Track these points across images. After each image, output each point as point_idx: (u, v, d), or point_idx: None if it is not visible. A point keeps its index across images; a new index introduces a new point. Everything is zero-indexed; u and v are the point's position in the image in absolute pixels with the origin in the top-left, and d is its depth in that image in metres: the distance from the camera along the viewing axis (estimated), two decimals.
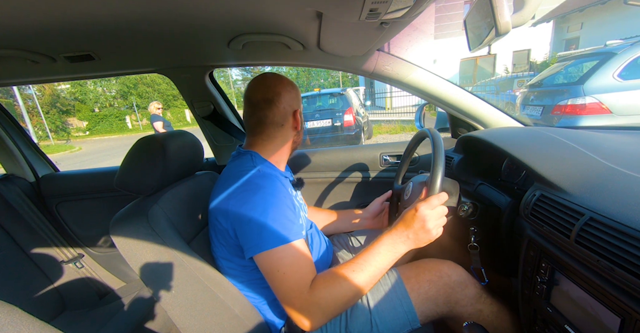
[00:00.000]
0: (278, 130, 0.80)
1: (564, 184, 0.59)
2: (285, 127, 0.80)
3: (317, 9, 0.59)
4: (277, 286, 0.64)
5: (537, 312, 0.63)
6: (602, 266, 0.45)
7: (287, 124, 0.80)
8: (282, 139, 0.81)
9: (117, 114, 23.13)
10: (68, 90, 22.23)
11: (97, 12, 0.55)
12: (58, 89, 21.38)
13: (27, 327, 0.31)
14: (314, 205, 1.39)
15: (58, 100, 21.26)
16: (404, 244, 0.65)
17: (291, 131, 0.82)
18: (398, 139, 7.42)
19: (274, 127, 0.79)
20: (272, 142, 0.80)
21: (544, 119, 3.58)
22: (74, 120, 22.60)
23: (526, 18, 0.57)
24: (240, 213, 0.66)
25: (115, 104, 23.82)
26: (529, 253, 0.64)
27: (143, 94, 22.79)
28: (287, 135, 0.82)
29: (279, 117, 0.78)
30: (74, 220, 1.42)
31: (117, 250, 0.69)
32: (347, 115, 5.37)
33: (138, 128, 22.94)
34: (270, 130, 0.79)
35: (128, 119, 23.56)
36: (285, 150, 0.84)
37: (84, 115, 22.51)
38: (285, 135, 0.81)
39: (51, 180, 1.41)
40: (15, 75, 1.01)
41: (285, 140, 0.82)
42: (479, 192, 0.90)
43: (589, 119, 3.06)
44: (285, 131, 0.81)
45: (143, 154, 0.77)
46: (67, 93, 22.32)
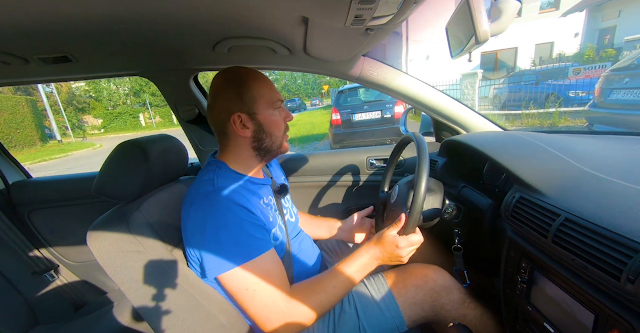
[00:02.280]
0: (226, 138, 0.73)
1: (541, 186, 0.62)
2: (230, 135, 0.72)
3: (303, 14, 0.59)
4: (248, 305, 0.61)
5: (519, 311, 0.65)
6: (577, 265, 0.47)
7: (230, 132, 0.71)
8: (235, 148, 0.74)
9: (130, 112, 23.23)
10: (82, 88, 22.58)
11: (73, 12, 0.53)
12: (74, 87, 21.70)
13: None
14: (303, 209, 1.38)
15: (74, 98, 21.51)
16: (377, 263, 0.71)
17: (239, 139, 0.72)
18: None
19: (221, 136, 0.73)
20: (230, 150, 0.74)
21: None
22: (89, 118, 23.04)
23: (503, 27, 0.60)
24: (196, 236, 0.63)
25: (128, 102, 24.07)
26: (509, 254, 0.66)
27: (156, 92, 22.83)
28: (238, 143, 0.73)
29: (218, 125, 0.72)
30: (48, 228, 1.35)
31: (95, 259, 0.66)
32: (397, 106, 5.00)
33: (151, 125, 23.09)
34: (221, 139, 0.74)
35: (141, 117, 23.56)
36: (247, 159, 0.75)
37: (99, 113, 22.93)
38: (236, 143, 0.73)
39: (23, 187, 1.33)
40: None
41: (239, 149, 0.74)
42: (462, 194, 0.92)
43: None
44: (234, 139, 0.72)
45: (124, 158, 0.75)
46: (81, 91, 22.63)
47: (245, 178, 0.75)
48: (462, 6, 0.60)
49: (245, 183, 0.73)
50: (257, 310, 0.60)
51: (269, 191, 0.81)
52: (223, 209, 0.63)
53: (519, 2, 0.57)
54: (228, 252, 0.60)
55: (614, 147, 0.78)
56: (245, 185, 0.73)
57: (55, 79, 1.04)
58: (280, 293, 0.61)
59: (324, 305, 0.64)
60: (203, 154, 1.35)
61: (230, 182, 0.70)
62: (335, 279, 0.67)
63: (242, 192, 0.68)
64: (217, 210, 0.62)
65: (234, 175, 0.73)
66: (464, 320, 0.75)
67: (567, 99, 6.71)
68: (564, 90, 6.96)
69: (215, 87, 0.72)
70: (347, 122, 5.22)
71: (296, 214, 0.94)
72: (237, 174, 0.74)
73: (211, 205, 0.63)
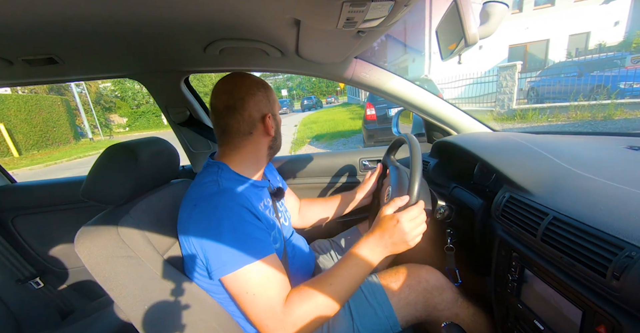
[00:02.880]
0: (246, 139, 0.73)
1: (530, 186, 0.63)
2: (254, 135, 0.74)
3: (295, 16, 0.59)
4: (247, 308, 0.60)
5: (510, 309, 0.66)
6: (565, 262, 0.48)
7: (256, 132, 0.73)
8: (253, 148, 0.75)
9: (153, 110, 23.78)
10: (109, 88, 23.42)
11: (58, 12, 0.51)
12: (101, 87, 23.22)
13: None
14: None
15: (102, 97, 22.48)
16: (381, 253, 0.65)
17: (263, 138, 0.75)
18: None
19: (241, 137, 0.73)
20: (240, 152, 0.74)
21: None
22: (115, 117, 24.24)
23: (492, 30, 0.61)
24: (199, 238, 0.62)
25: (151, 101, 24.96)
26: (500, 253, 0.68)
27: None
28: (259, 143, 0.75)
29: (244, 126, 0.72)
30: (33, 234, 1.31)
31: (82, 265, 0.64)
32: None
33: None
34: (237, 140, 0.73)
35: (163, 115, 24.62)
36: (258, 159, 0.78)
37: (124, 112, 24.08)
38: (256, 143, 0.75)
39: (6, 192, 1.29)
40: None
41: (256, 149, 0.76)
42: (454, 194, 0.93)
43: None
44: (256, 139, 0.74)
45: (113, 162, 0.73)
46: (108, 90, 23.45)
47: (247, 180, 0.74)
48: (451, 9, 0.61)
49: (248, 185, 0.73)
50: (256, 314, 0.59)
51: (267, 194, 0.81)
52: (228, 210, 0.62)
53: (506, 6, 0.58)
54: (231, 253, 0.59)
55: (599, 147, 0.81)
56: (248, 187, 0.72)
57: (41, 81, 1.01)
58: (278, 298, 0.60)
59: (322, 309, 0.61)
60: (194, 156, 1.33)
61: (234, 183, 0.70)
62: (333, 279, 0.63)
63: (246, 194, 0.67)
64: (222, 211, 0.62)
65: (236, 177, 0.73)
66: (456, 319, 0.76)
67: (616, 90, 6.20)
68: (614, 81, 6.41)
69: (239, 88, 0.71)
70: (382, 117, 4.93)
71: (289, 218, 0.94)
72: (240, 176, 0.73)
73: (216, 206, 0.62)
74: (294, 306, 0.60)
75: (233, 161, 0.74)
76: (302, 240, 0.95)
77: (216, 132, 0.75)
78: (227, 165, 0.73)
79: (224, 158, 0.75)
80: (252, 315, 0.60)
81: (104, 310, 1.13)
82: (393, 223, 0.63)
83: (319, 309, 0.60)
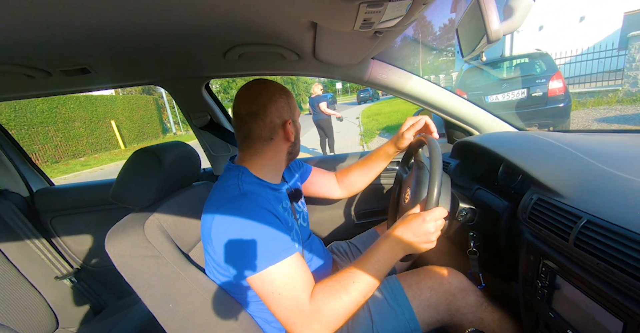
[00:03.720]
0: (267, 144, 0.75)
1: (560, 188, 0.60)
2: (275, 140, 0.76)
3: (312, 19, 0.60)
4: (274, 308, 0.61)
5: (539, 317, 0.62)
6: (601, 269, 0.45)
7: (276, 137, 0.75)
8: (273, 153, 0.77)
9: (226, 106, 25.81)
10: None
11: (92, 26, 0.55)
12: None
13: None
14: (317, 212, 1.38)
15: None
16: (402, 250, 0.64)
17: (283, 143, 0.78)
18: None
19: (262, 142, 0.75)
20: (261, 157, 0.76)
21: None
22: None
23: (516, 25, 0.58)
24: (223, 240, 0.63)
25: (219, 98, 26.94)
26: (528, 258, 0.64)
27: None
28: (279, 149, 0.78)
29: (266, 132, 0.74)
30: (69, 234, 1.40)
31: (113, 264, 0.67)
32: (554, 82, 3.84)
33: None
34: (259, 145, 0.75)
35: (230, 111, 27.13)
36: (278, 164, 0.80)
37: None
38: (277, 148, 0.77)
39: (46, 195, 1.39)
40: (9, 90, 1.01)
41: (276, 154, 0.78)
42: (477, 196, 0.90)
43: None
44: (276, 144, 0.76)
45: (139, 166, 0.77)
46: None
47: (266, 183, 0.76)
48: (473, 6, 0.59)
49: (267, 188, 0.75)
50: (283, 313, 0.61)
51: (285, 196, 0.82)
52: (250, 213, 0.63)
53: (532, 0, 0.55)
54: (255, 255, 0.61)
55: (636, 145, 0.75)
56: (267, 190, 0.74)
57: (75, 90, 1.08)
58: (303, 296, 0.61)
59: (347, 305, 0.61)
60: (215, 159, 1.37)
61: (254, 187, 0.71)
62: (355, 275, 0.63)
63: (266, 197, 0.69)
64: (245, 213, 0.63)
65: (256, 180, 0.74)
66: (481, 324, 0.73)
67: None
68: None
69: (261, 95, 0.74)
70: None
71: (307, 219, 0.95)
72: (259, 180, 0.75)
73: (239, 209, 0.64)
74: (319, 303, 0.61)
75: (253, 165, 0.76)
76: (319, 242, 0.95)
77: (238, 137, 0.77)
78: (248, 169, 0.75)
79: (245, 162, 0.76)
80: (279, 313, 0.61)
81: (133, 306, 1.18)
82: (419, 222, 0.61)
83: (343, 306, 0.61)
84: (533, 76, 4.11)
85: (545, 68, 4.22)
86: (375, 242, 0.67)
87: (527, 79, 4.08)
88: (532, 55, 4.53)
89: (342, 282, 0.63)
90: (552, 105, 3.98)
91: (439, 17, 62.09)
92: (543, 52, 4.40)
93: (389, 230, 0.67)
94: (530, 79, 4.07)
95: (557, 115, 4.03)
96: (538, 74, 4.14)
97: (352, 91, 42.14)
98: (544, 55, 4.37)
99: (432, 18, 59.13)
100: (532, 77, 4.09)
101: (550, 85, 3.92)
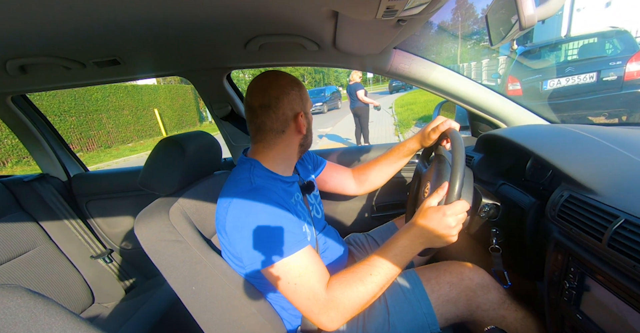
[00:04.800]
0: (279, 136, 0.75)
1: (595, 185, 0.56)
2: (287, 133, 0.75)
3: (333, 8, 0.58)
4: (291, 297, 0.63)
5: (565, 318, 0.60)
6: (638, 272, 0.42)
7: (288, 130, 0.75)
8: (285, 145, 0.77)
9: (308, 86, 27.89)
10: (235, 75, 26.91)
11: (122, 18, 0.57)
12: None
13: (59, 318, 0.34)
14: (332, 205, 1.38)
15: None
16: (421, 244, 0.63)
17: (295, 136, 0.77)
18: None
19: (274, 134, 0.75)
20: (273, 149, 0.76)
21: None
22: None
23: (552, 11, 0.54)
24: (236, 233, 0.65)
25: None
26: (556, 257, 0.61)
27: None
28: (291, 141, 0.77)
29: (278, 124, 0.74)
30: (103, 217, 1.50)
31: (141, 246, 0.72)
32: (632, 64, 3.28)
33: None
34: (271, 138, 0.75)
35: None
36: (290, 156, 0.80)
37: None
38: (289, 141, 0.77)
39: (81, 179, 1.49)
40: (48, 81, 1.08)
41: (288, 146, 0.78)
42: (501, 192, 0.87)
43: None
44: (288, 137, 0.76)
45: (164, 154, 0.80)
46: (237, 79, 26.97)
47: (278, 176, 0.77)
48: None
49: (278, 181, 0.75)
50: (301, 302, 0.62)
51: (296, 188, 0.82)
52: (262, 207, 0.64)
53: None
54: (267, 248, 0.62)
55: None
56: (278, 183, 0.74)
57: (105, 81, 1.14)
58: (319, 285, 0.62)
59: (363, 295, 0.62)
60: (235, 149, 1.41)
61: (266, 180, 0.72)
62: (372, 267, 0.63)
63: (277, 191, 0.70)
64: (257, 207, 0.64)
65: (268, 173, 0.75)
66: (502, 322, 0.71)
67: None
68: None
69: (273, 87, 0.73)
70: (531, 93, 3.77)
71: (322, 210, 0.95)
72: (271, 173, 0.76)
73: (251, 203, 0.65)
74: (336, 293, 0.62)
75: (265, 158, 0.76)
76: (334, 233, 0.95)
77: (250, 130, 0.78)
78: (260, 162, 0.76)
79: (257, 155, 0.77)
80: (296, 302, 0.63)
81: (160, 287, 1.26)
82: (439, 216, 0.59)
83: (359, 296, 0.62)
84: (605, 58, 3.62)
85: (622, 48, 3.71)
86: (394, 235, 0.66)
87: (599, 61, 3.58)
88: (604, 34, 3.99)
89: (359, 274, 0.63)
90: (629, 90, 3.46)
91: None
92: (621, 29, 3.85)
93: (408, 223, 0.66)
94: (602, 61, 3.58)
95: (634, 101, 3.52)
96: (611, 55, 3.66)
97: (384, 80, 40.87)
98: (622, 32, 3.80)
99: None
100: (604, 60, 3.60)
101: (628, 68, 3.38)
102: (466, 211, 0.60)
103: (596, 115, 3.79)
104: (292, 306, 0.79)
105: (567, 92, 3.72)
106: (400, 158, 0.98)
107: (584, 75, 3.64)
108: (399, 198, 1.36)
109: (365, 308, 0.73)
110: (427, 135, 0.85)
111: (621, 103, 3.55)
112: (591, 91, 3.64)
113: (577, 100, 3.67)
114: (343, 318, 0.62)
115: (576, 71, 3.69)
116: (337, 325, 0.62)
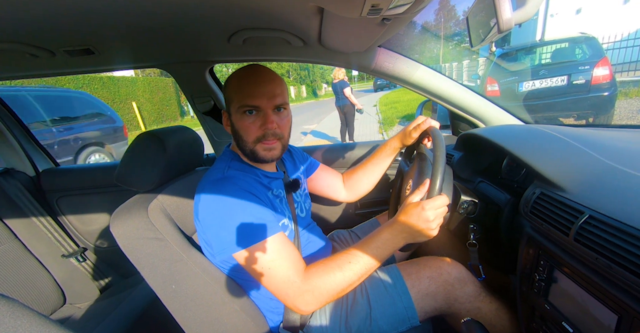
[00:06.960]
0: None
1: (564, 182, 0.59)
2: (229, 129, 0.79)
3: (318, 4, 0.58)
4: (266, 282, 0.64)
5: (535, 308, 0.63)
6: (600, 264, 0.45)
7: (226, 127, 0.80)
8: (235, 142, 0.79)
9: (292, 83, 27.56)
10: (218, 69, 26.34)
11: (97, 5, 0.54)
12: None
13: (26, 320, 0.32)
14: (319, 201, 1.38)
15: None
16: (403, 239, 0.65)
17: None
18: None
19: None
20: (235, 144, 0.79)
21: None
22: None
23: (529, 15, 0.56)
24: (207, 221, 0.66)
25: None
26: (527, 251, 0.65)
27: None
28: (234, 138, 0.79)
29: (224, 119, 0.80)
30: (75, 214, 1.43)
31: (118, 244, 0.69)
32: (599, 69, 3.54)
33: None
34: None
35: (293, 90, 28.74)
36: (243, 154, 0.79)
37: None
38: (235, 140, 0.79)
39: (51, 175, 1.41)
40: (14, 69, 1.00)
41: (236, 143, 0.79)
42: (479, 189, 0.90)
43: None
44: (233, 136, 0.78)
45: (143, 149, 0.77)
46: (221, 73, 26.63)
47: (256, 170, 0.77)
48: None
49: (255, 174, 0.76)
50: (276, 286, 0.63)
51: (280, 185, 0.82)
52: (231, 194, 0.66)
53: None
54: (239, 233, 0.63)
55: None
56: (254, 176, 0.75)
57: (78, 71, 1.08)
58: (295, 270, 0.63)
59: (340, 281, 0.63)
60: (217, 145, 1.38)
61: (240, 171, 0.73)
62: (352, 256, 0.65)
63: (249, 181, 0.71)
64: (225, 195, 0.65)
65: (245, 166, 0.76)
66: (478, 314, 0.75)
67: None
68: None
69: (231, 81, 0.75)
70: (508, 94, 3.98)
71: (308, 209, 0.95)
72: (249, 166, 0.77)
73: (220, 190, 0.66)
74: (312, 276, 0.63)
75: (239, 151, 0.78)
76: (318, 231, 0.96)
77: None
78: (238, 153, 0.77)
79: (234, 147, 0.79)
80: (272, 286, 0.64)
81: (138, 286, 1.22)
82: (418, 210, 0.61)
83: (336, 282, 0.63)
84: (575, 63, 3.85)
85: (590, 53, 3.93)
86: (377, 229, 0.68)
87: (569, 65, 3.82)
88: (575, 40, 4.21)
89: (338, 261, 0.65)
90: (594, 94, 3.70)
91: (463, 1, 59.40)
92: (589, 35, 4.06)
93: (391, 219, 0.68)
94: (572, 65, 3.80)
95: (600, 104, 3.75)
96: (580, 59, 3.87)
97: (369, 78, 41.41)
98: (590, 39, 4.00)
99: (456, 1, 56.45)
100: (574, 64, 3.83)
101: (595, 72, 3.62)
102: (447, 205, 0.62)
103: (566, 116, 4.05)
104: (275, 303, 0.78)
105: (540, 93, 3.94)
106: (385, 158, 1.00)
107: (556, 78, 3.86)
108: (382, 196, 1.38)
109: (346, 302, 0.74)
110: (409, 133, 0.87)
111: (588, 105, 3.78)
112: (562, 93, 3.85)
113: (550, 102, 3.89)
114: (318, 302, 0.63)
115: (549, 74, 3.90)
116: (313, 307, 0.63)
